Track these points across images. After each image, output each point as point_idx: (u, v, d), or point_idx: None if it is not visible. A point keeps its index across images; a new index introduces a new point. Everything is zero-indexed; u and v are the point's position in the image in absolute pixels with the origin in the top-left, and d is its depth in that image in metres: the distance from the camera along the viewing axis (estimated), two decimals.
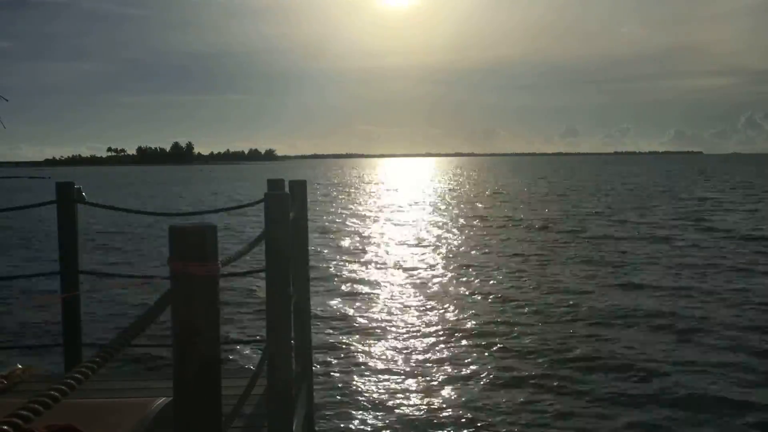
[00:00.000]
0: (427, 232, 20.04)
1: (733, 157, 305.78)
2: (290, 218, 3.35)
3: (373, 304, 10.10)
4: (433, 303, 10.07)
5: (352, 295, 10.77)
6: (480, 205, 30.32)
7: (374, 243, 17.66)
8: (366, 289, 11.34)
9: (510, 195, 37.52)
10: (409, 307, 9.87)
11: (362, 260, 14.58)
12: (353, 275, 12.67)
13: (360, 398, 6.20)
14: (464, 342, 7.97)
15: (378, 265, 13.82)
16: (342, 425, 5.64)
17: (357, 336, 8.34)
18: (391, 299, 10.44)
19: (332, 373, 6.91)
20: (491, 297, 10.42)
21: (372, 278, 12.34)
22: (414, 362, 7.26)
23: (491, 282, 11.65)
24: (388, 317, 9.25)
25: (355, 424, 5.66)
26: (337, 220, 24.09)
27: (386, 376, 6.80)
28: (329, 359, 7.38)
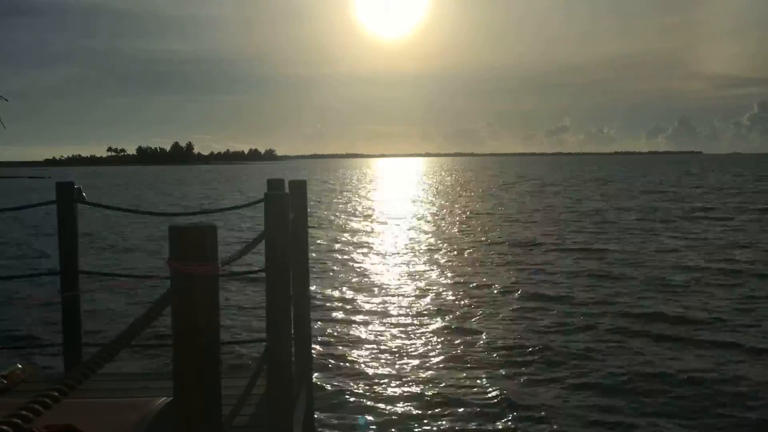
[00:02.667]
0: (427, 231, 20.03)
1: (732, 157, 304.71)
2: (290, 218, 3.35)
3: (374, 305, 10.08)
4: (434, 302, 10.06)
5: (352, 295, 10.76)
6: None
7: (374, 243, 17.65)
8: (367, 288, 11.33)
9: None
10: (410, 307, 9.86)
11: (362, 260, 14.57)
12: (353, 275, 12.66)
13: (360, 398, 6.19)
14: (465, 342, 7.96)
15: (378, 265, 13.81)
16: (342, 425, 5.63)
17: (357, 336, 8.33)
18: (392, 299, 10.42)
19: (332, 373, 6.90)
20: (492, 297, 10.41)
21: (373, 278, 12.32)
22: (415, 362, 7.25)
23: (493, 282, 11.63)
24: (389, 317, 9.24)
25: (355, 424, 5.66)
26: (331, 218, 24.09)
27: (386, 376, 6.79)
28: (329, 359, 7.37)
